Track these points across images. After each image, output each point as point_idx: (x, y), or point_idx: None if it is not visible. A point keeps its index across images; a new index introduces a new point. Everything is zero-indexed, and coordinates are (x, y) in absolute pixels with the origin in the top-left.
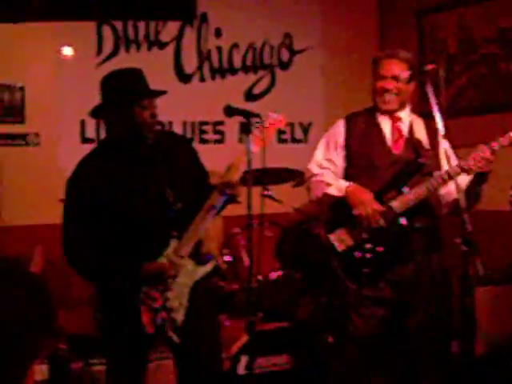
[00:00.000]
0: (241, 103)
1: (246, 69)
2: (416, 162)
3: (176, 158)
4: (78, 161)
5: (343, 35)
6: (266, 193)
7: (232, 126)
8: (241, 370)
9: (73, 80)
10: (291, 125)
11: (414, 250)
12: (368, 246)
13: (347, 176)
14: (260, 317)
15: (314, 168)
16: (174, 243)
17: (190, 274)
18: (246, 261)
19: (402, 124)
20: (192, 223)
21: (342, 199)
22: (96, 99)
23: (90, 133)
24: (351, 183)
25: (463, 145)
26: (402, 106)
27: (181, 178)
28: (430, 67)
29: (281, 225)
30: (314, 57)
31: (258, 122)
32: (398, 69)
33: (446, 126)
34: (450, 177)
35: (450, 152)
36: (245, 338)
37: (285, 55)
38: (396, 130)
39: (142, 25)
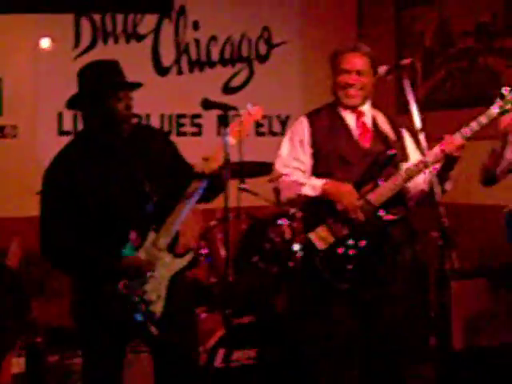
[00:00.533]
0: (219, 96)
1: (223, 62)
2: (387, 154)
3: (153, 151)
4: (55, 153)
5: (321, 29)
6: (242, 186)
7: (210, 118)
8: (217, 362)
9: (51, 72)
10: (269, 118)
11: (391, 242)
12: (350, 242)
13: (317, 174)
14: (236, 310)
15: (281, 168)
16: (151, 235)
17: (168, 266)
18: (223, 254)
19: (365, 118)
20: (170, 215)
21: (316, 197)
22: (74, 91)
23: (68, 125)
24: (326, 180)
25: (440, 139)
26: (364, 101)
27: (158, 171)
28: (406, 61)
29: (257, 217)
30: (292, 50)
31: (235, 115)
32: (360, 63)
33: (423, 120)
34: (426, 165)
35: (425, 148)
36: (221, 331)
37: (263, 48)
38: (361, 124)
39: (119, 17)
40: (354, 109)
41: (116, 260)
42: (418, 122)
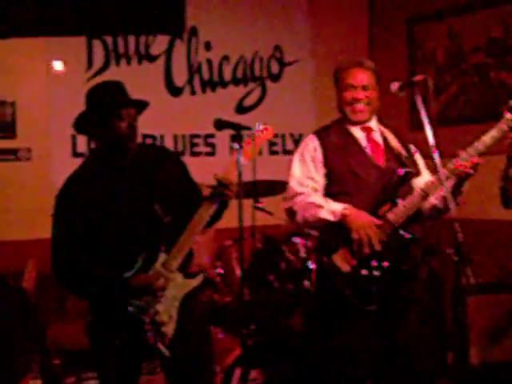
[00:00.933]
0: (231, 116)
1: (236, 81)
2: (402, 172)
3: (163, 172)
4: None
5: (333, 46)
6: (257, 205)
7: (223, 138)
8: (235, 382)
9: (63, 95)
10: (282, 136)
11: (411, 261)
12: (374, 263)
13: (330, 193)
14: (253, 329)
15: (296, 187)
16: (162, 257)
17: (180, 287)
18: (238, 273)
19: (374, 134)
20: (181, 236)
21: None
22: None
23: (81, 147)
24: (346, 205)
25: (453, 155)
26: (371, 116)
27: (168, 192)
28: (419, 78)
29: (272, 237)
30: (304, 69)
31: (247, 135)
32: (365, 78)
33: (436, 136)
34: (441, 182)
35: (439, 164)
36: (238, 351)
37: (275, 67)
38: (371, 140)
39: (132, 39)
40: (362, 124)
41: (126, 280)
42: (431, 138)
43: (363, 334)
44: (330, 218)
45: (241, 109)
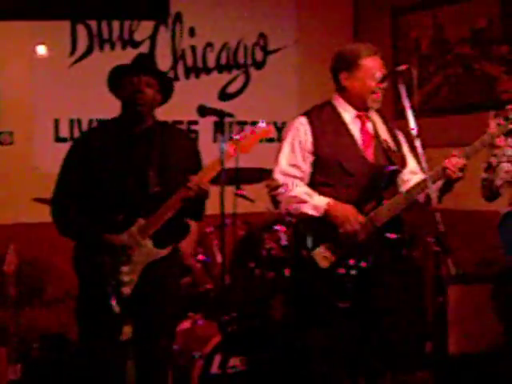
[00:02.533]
0: (215, 102)
1: (220, 68)
2: (390, 170)
3: (170, 147)
4: (51, 159)
5: (317, 35)
6: (238, 192)
7: (206, 125)
8: (214, 369)
9: (47, 79)
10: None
11: (390, 259)
12: (351, 262)
13: (314, 183)
14: (233, 316)
15: (280, 176)
16: (140, 222)
17: (147, 253)
18: (219, 260)
19: (368, 123)
20: (160, 208)
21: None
22: (70, 98)
23: (64, 132)
24: (329, 200)
25: (436, 145)
26: None
27: (170, 166)
28: (403, 67)
29: (253, 224)
30: (288, 56)
31: (231, 122)
32: (383, 66)
33: (419, 126)
34: (427, 185)
35: (421, 154)
36: (218, 338)
37: (259, 55)
38: (364, 132)
39: (116, 24)
40: (358, 111)
41: (101, 235)
42: (414, 127)
43: (337, 327)
44: (313, 213)
45: (224, 96)
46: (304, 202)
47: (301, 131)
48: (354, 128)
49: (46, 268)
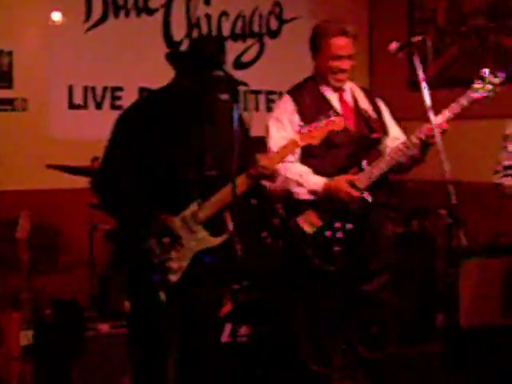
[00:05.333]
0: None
1: (234, 37)
2: (371, 138)
3: (229, 128)
4: (65, 126)
5: (332, 5)
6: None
7: None
8: (224, 337)
9: (61, 45)
10: (279, 93)
11: (374, 220)
12: (337, 224)
13: (304, 154)
14: (244, 285)
15: (275, 148)
16: (193, 206)
17: (199, 241)
18: (231, 229)
19: (346, 95)
20: (216, 194)
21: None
22: (84, 65)
23: (78, 98)
24: (325, 181)
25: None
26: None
27: (227, 149)
28: (417, 39)
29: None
30: (303, 26)
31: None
32: (351, 47)
33: (433, 98)
34: (408, 148)
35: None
36: (229, 307)
37: (274, 24)
38: (344, 104)
39: None
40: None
41: (154, 214)
42: (428, 99)
43: (325, 292)
44: (312, 197)
45: (238, 64)
46: (301, 185)
47: (288, 109)
48: (334, 100)
49: (59, 234)
